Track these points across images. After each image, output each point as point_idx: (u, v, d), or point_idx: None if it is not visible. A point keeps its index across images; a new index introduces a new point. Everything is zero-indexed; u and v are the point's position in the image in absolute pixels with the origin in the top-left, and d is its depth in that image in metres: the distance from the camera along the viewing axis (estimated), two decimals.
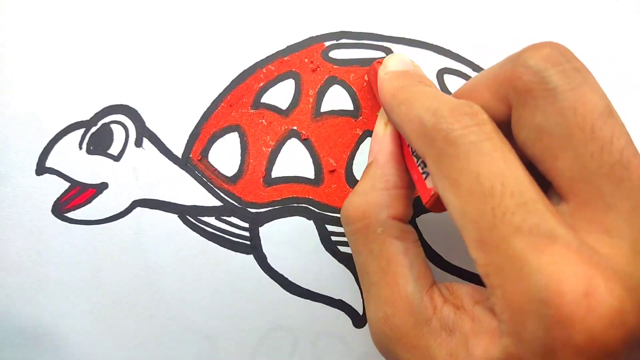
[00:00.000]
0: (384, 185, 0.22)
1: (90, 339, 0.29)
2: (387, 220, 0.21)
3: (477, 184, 0.16)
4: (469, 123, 0.17)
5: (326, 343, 0.29)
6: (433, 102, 0.18)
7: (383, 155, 0.23)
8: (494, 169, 0.16)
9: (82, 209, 0.29)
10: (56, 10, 0.31)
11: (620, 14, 0.31)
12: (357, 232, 0.22)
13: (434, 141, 0.17)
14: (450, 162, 0.17)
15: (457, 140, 0.17)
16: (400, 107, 0.20)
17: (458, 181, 0.17)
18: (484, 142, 0.17)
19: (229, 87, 0.30)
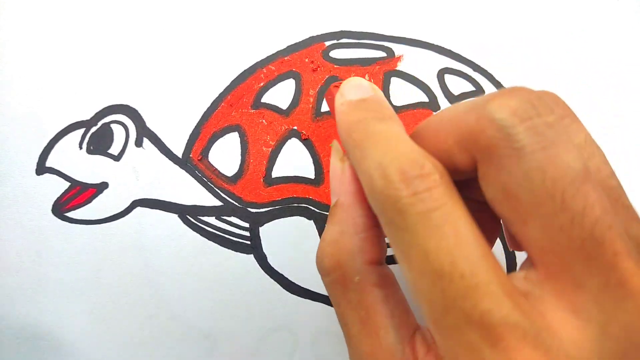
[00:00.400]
0: (353, 229, 0.20)
1: (90, 339, 0.29)
2: (363, 266, 0.20)
3: (427, 262, 0.15)
4: (419, 188, 0.15)
5: (326, 343, 0.29)
6: (384, 156, 0.17)
7: (347, 197, 0.21)
8: (443, 246, 0.15)
9: (82, 209, 0.29)
10: (56, 10, 0.31)
11: (620, 14, 0.31)
12: (333, 282, 0.20)
13: (383, 206, 0.16)
14: (399, 234, 0.16)
15: (405, 210, 0.15)
16: (355, 151, 0.18)
17: (409, 255, 0.15)
18: (434, 212, 0.15)
19: (229, 87, 0.30)
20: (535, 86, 0.31)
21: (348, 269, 0.20)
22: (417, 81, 0.30)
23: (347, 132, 0.19)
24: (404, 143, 0.17)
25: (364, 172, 0.17)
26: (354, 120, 0.19)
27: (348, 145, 0.19)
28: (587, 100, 0.30)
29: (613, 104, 0.30)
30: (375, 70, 0.30)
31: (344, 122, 0.20)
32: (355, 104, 0.20)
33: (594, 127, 0.30)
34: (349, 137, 0.19)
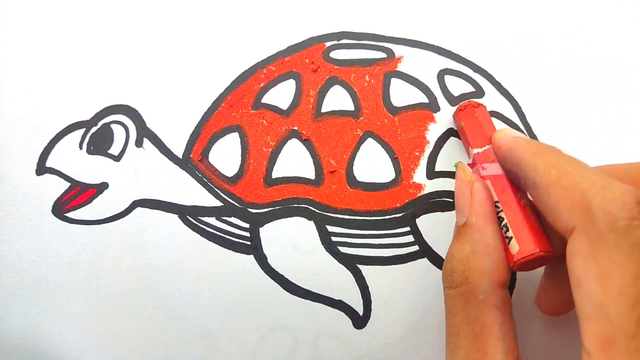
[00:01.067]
0: (484, 250, 0.22)
1: (90, 339, 0.29)
2: (490, 287, 0.21)
3: (633, 286, 0.15)
4: (637, 214, 0.16)
5: (326, 343, 0.29)
6: (597, 176, 0.18)
7: (479, 218, 0.22)
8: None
9: (82, 209, 0.29)
10: (56, 11, 0.31)
11: (621, 14, 0.31)
12: (458, 295, 0.22)
13: (595, 221, 0.17)
14: (609, 252, 0.16)
15: (624, 231, 0.16)
16: (549, 170, 0.20)
17: (610, 274, 0.16)
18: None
19: (229, 88, 0.30)
20: (535, 86, 0.31)
21: (475, 286, 0.21)
22: (417, 82, 0.30)
23: (536, 154, 0.21)
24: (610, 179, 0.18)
25: (566, 188, 0.18)
26: (543, 149, 0.21)
27: (537, 165, 0.20)
28: (587, 101, 0.30)
29: (613, 104, 0.30)
30: (376, 71, 0.30)
31: (528, 146, 0.22)
32: (532, 141, 0.23)
33: (594, 127, 0.30)
34: (538, 158, 0.21)
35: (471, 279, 0.21)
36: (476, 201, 0.23)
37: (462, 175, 0.24)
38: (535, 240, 0.21)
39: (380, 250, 0.29)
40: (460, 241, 0.23)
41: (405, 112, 0.30)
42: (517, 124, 0.30)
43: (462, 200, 0.23)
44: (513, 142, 0.23)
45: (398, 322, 0.29)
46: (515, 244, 0.21)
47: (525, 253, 0.21)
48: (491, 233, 0.22)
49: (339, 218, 0.29)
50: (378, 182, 0.29)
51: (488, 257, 0.21)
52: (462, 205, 0.23)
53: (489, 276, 0.21)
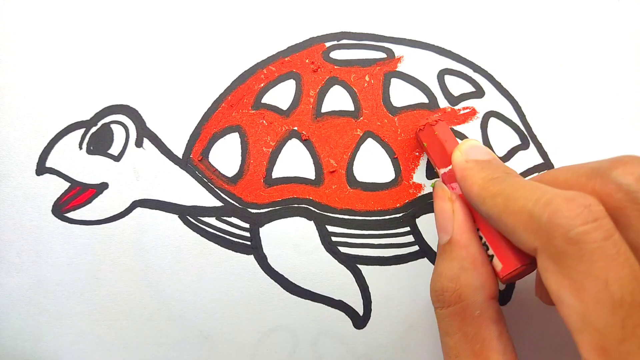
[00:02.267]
0: (473, 265, 0.22)
1: (90, 339, 0.29)
2: (485, 301, 0.21)
3: (606, 292, 0.15)
4: (588, 218, 0.16)
5: (326, 343, 0.29)
6: (539, 192, 0.18)
7: (464, 235, 0.22)
8: (622, 276, 0.15)
9: (82, 209, 0.29)
10: (56, 11, 0.30)
11: (621, 14, 0.31)
12: (452, 314, 0.22)
13: (550, 237, 0.17)
14: (573, 264, 0.16)
15: (579, 239, 0.16)
16: (495, 199, 0.20)
17: (582, 285, 0.16)
18: (606, 241, 0.16)
19: (229, 88, 0.30)
20: (535, 87, 0.31)
21: (470, 303, 0.21)
22: (417, 82, 0.30)
23: (481, 187, 0.21)
24: (552, 188, 0.18)
25: (515, 212, 0.19)
26: (487, 177, 0.21)
27: (484, 197, 0.21)
28: (587, 101, 0.30)
29: (614, 104, 0.30)
30: (376, 71, 0.30)
31: (475, 178, 0.22)
32: (483, 164, 0.22)
33: (593, 128, 0.30)
34: (484, 191, 0.21)
35: (465, 296, 0.21)
36: (459, 218, 0.23)
37: (441, 194, 0.24)
38: (516, 255, 0.21)
39: (380, 251, 0.29)
40: (447, 259, 0.22)
41: (405, 112, 0.30)
42: (518, 124, 0.30)
43: (444, 218, 0.23)
44: (462, 170, 0.23)
45: (398, 322, 0.29)
46: (497, 262, 0.21)
47: (509, 269, 0.21)
48: (477, 247, 0.22)
49: (339, 218, 0.29)
50: (378, 182, 0.29)
51: (478, 272, 0.21)
52: (445, 224, 0.23)
53: (482, 290, 0.21)
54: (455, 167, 0.23)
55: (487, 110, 0.30)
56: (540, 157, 0.30)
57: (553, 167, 0.30)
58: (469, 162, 0.23)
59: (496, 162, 0.23)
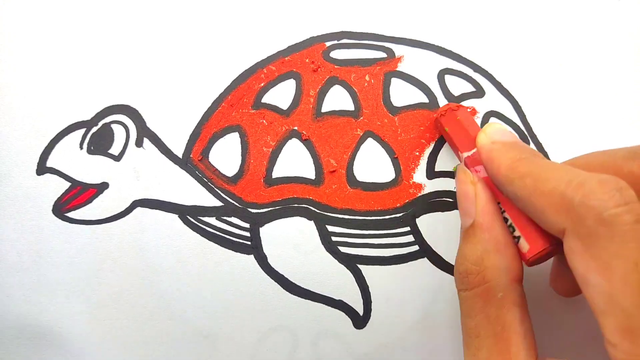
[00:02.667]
0: (496, 247, 0.22)
1: (91, 339, 0.29)
2: (508, 284, 0.21)
3: (635, 273, 0.15)
4: (620, 201, 0.16)
5: (326, 343, 0.29)
6: (571, 174, 0.18)
7: (486, 217, 0.22)
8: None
9: (82, 209, 0.29)
10: (57, 11, 0.31)
11: (621, 14, 0.31)
12: (475, 296, 0.22)
13: (582, 218, 0.17)
14: (603, 244, 0.16)
15: (611, 220, 0.16)
16: (524, 180, 0.20)
17: (611, 265, 0.16)
18: (638, 224, 0.16)
19: (229, 87, 0.30)
20: (535, 86, 0.31)
21: (493, 285, 0.21)
22: (417, 82, 0.30)
23: (509, 167, 0.21)
24: (582, 171, 0.18)
25: (546, 193, 0.19)
26: (515, 158, 0.21)
27: (512, 178, 0.21)
28: (587, 100, 0.30)
29: (614, 103, 0.30)
30: (376, 71, 0.30)
31: (502, 159, 0.22)
32: (509, 144, 0.22)
33: (593, 127, 0.30)
34: (512, 171, 0.21)
35: (488, 278, 0.21)
36: (481, 201, 0.23)
37: (463, 177, 0.24)
38: (543, 236, 0.21)
39: (380, 250, 0.29)
40: (470, 242, 0.22)
41: (405, 112, 0.30)
42: (518, 123, 0.30)
43: (466, 201, 0.23)
44: (489, 151, 0.23)
45: (398, 322, 0.29)
46: (524, 243, 0.21)
47: (536, 250, 0.21)
48: (501, 230, 0.22)
49: (339, 218, 0.29)
50: (378, 182, 0.29)
51: (502, 254, 0.21)
52: (467, 207, 0.23)
53: (506, 273, 0.21)
54: (481, 148, 0.23)
55: (487, 110, 0.30)
56: None
57: None
58: (495, 144, 0.23)
59: (522, 144, 0.23)
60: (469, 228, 0.23)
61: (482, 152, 0.23)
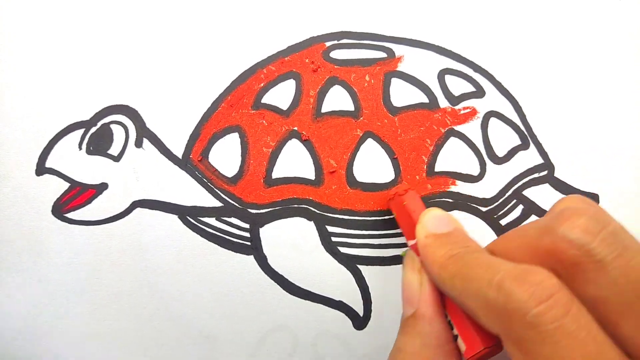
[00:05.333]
0: (436, 342, 0.21)
1: (90, 339, 0.29)
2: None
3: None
4: (542, 296, 0.15)
5: (326, 344, 0.29)
6: (490, 272, 0.17)
7: (428, 309, 0.21)
8: (586, 353, 0.15)
9: (82, 210, 0.29)
10: (56, 11, 0.30)
11: (621, 14, 0.31)
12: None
13: (509, 322, 0.16)
14: (536, 349, 0.15)
15: (536, 322, 0.15)
16: (453, 281, 0.19)
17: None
18: (565, 318, 0.15)
19: (229, 88, 0.30)
20: (535, 86, 0.31)
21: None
22: (417, 82, 0.30)
23: (440, 266, 0.20)
24: (505, 263, 0.18)
25: (473, 295, 0.18)
26: (445, 255, 0.20)
27: (444, 279, 0.20)
28: (587, 101, 0.30)
29: (614, 104, 0.30)
30: (376, 71, 0.30)
31: (433, 257, 0.21)
32: (441, 238, 0.22)
33: (593, 128, 0.30)
34: (443, 270, 0.20)
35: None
36: (426, 291, 0.22)
37: (411, 265, 0.23)
38: (480, 337, 0.20)
39: (380, 251, 0.29)
40: (409, 333, 0.21)
41: (405, 112, 0.30)
42: (518, 124, 0.30)
43: (410, 290, 0.22)
44: (423, 247, 0.22)
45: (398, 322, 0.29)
46: (461, 343, 0.21)
47: (473, 351, 0.20)
48: (442, 324, 0.21)
49: (338, 218, 0.29)
50: (378, 182, 0.29)
51: (441, 350, 0.21)
52: (411, 296, 0.22)
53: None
54: (417, 243, 0.22)
55: (487, 110, 0.30)
56: (541, 157, 0.30)
57: (553, 167, 0.30)
58: (429, 238, 0.22)
59: (457, 234, 0.22)
60: (410, 318, 0.22)
61: (419, 248, 0.22)
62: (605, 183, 0.30)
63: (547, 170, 0.30)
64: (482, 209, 0.29)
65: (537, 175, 0.30)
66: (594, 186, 0.30)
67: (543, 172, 0.30)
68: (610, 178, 0.30)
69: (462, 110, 0.30)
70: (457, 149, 0.30)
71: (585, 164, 0.30)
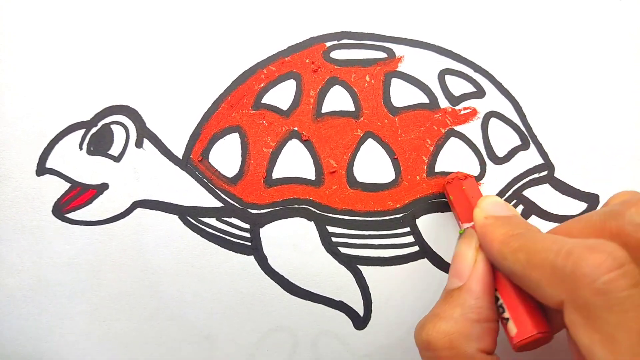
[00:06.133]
0: (476, 316, 0.21)
1: (91, 339, 0.29)
2: (475, 353, 0.20)
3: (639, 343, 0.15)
4: (612, 265, 0.16)
5: (326, 344, 0.29)
6: (559, 243, 0.17)
7: (478, 285, 0.22)
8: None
9: (82, 210, 0.29)
10: (56, 11, 0.30)
11: (622, 14, 0.31)
12: (437, 358, 0.21)
13: (576, 289, 0.16)
14: (603, 315, 0.15)
15: (606, 289, 0.15)
16: (516, 255, 0.19)
17: (614, 337, 0.15)
18: (636, 288, 0.15)
19: (229, 88, 0.30)
20: (536, 87, 0.31)
21: (460, 351, 0.20)
22: (417, 82, 0.30)
23: (502, 242, 0.21)
24: (572, 239, 0.18)
25: (538, 266, 0.18)
26: (508, 233, 0.21)
27: (505, 253, 0.20)
28: (588, 101, 0.30)
29: (613, 103, 0.30)
30: (376, 71, 0.30)
31: (495, 234, 0.21)
32: (502, 220, 0.22)
33: (594, 128, 0.30)
34: (505, 246, 0.20)
35: (455, 344, 0.20)
36: (480, 269, 0.22)
37: (468, 241, 0.23)
38: (533, 322, 0.20)
39: (380, 251, 0.29)
40: (450, 303, 0.22)
41: (405, 112, 0.30)
42: (518, 124, 0.30)
43: (462, 263, 0.23)
44: (482, 226, 0.23)
45: (399, 322, 0.29)
46: (512, 326, 0.21)
47: (524, 335, 0.20)
48: (488, 302, 0.21)
49: (339, 219, 0.29)
50: (378, 182, 0.29)
51: (480, 325, 0.21)
52: (461, 269, 0.22)
53: (476, 342, 0.20)
54: (475, 224, 0.23)
55: (487, 111, 0.30)
56: (541, 157, 0.30)
57: (553, 167, 0.30)
58: (489, 219, 0.23)
59: (517, 219, 0.23)
60: (455, 290, 0.22)
61: (477, 228, 0.23)
62: (605, 183, 0.30)
63: (547, 170, 0.30)
64: None
65: (537, 176, 0.30)
66: (594, 186, 0.30)
67: (543, 172, 0.30)
68: (610, 178, 0.30)
69: (462, 110, 0.30)
70: (458, 149, 0.30)
71: (585, 164, 0.30)
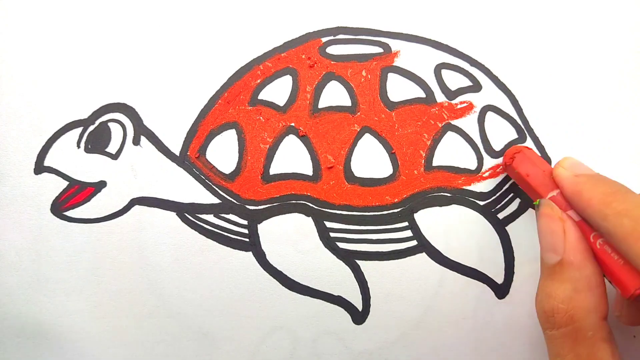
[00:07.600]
0: (587, 286, 0.21)
1: (90, 337, 0.30)
2: (597, 322, 0.21)
3: None
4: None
5: (325, 340, 0.29)
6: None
7: (577, 255, 0.22)
8: None
9: (80, 208, 0.29)
10: (54, 10, 0.30)
11: (620, 11, 0.31)
12: (563, 336, 0.21)
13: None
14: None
15: None
16: (621, 219, 0.19)
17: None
18: None
19: (226, 84, 0.30)
20: (532, 81, 0.31)
21: (583, 324, 0.21)
22: (414, 76, 0.30)
23: (604, 203, 0.20)
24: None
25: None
26: (608, 192, 0.21)
27: (607, 215, 0.20)
28: (584, 95, 0.30)
29: (610, 98, 0.30)
30: (372, 66, 0.30)
31: (593, 193, 0.21)
32: (595, 177, 0.22)
33: (590, 122, 0.30)
34: (607, 207, 0.20)
35: (577, 318, 0.21)
36: (571, 238, 0.22)
37: (549, 212, 0.23)
38: (635, 276, 0.20)
39: (378, 246, 0.29)
40: (557, 280, 0.22)
41: (402, 107, 0.30)
42: (515, 117, 0.30)
43: (553, 237, 0.22)
44: (575, 184, 0.22)
45: (397, 317, 0.29)
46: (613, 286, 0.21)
47: (633, 289, 0.20)
48: (592, 269, 0.21)
49: (337, 214, 0.29)
50: (376, 177, 0.29)
51: (592, 293, 0.21)
52: (554, 243, 0.22)
53: (595, 312, 0.21)
54: (564, 182, 0.23)
55: (484, 105, 0.30)
56: (537, 150, 0.30)
57: (550, 160, 0.30)
58: (580, 177, 0.22)
59: (608, 178, 0.22)
60: (556, 265, 0.22)
61: (567, 186, 0.22)
62: None
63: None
64: (480, 203, 0.29)
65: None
66: None
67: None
68: (607, 170, 0.30)
69: (459, 104, 0.30)
70: (455, 143, 0.30)
71: (581, 157, 0.30)
